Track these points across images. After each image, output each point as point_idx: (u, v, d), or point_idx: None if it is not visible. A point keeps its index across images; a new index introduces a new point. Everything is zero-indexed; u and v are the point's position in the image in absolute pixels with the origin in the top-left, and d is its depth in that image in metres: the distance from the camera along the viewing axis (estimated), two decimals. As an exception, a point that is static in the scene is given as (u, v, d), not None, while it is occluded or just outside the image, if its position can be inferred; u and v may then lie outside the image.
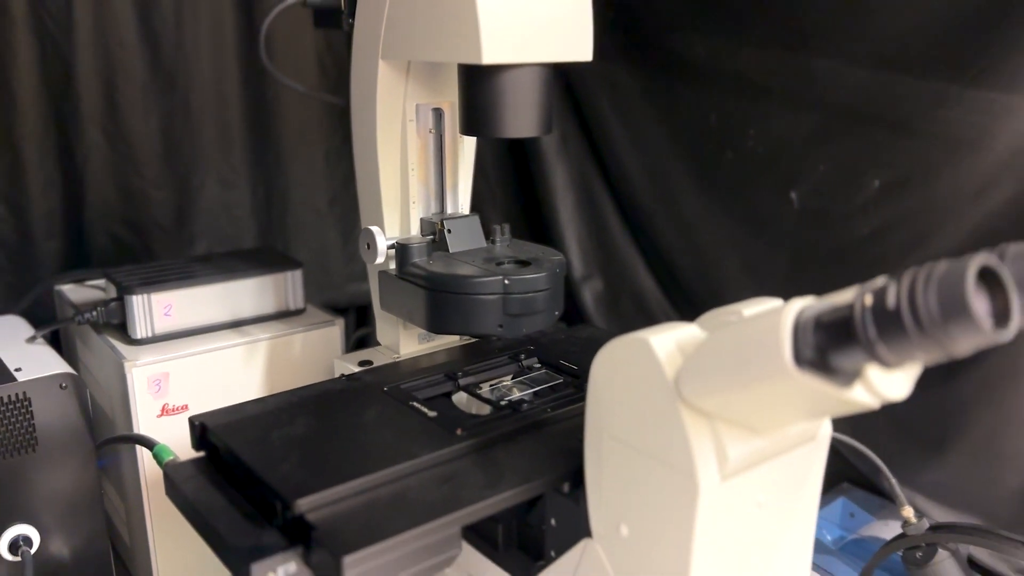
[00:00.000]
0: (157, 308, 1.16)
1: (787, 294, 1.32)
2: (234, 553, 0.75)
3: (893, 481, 1.06)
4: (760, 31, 1.33)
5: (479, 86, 0.89)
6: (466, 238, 1.03)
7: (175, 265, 1.26)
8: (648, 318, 1.62)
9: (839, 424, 1.18)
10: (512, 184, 1.83)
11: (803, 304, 0.62)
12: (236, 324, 1.22)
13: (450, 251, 1.02)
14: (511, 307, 0.94)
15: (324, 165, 1.85)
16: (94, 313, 1.17)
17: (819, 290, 1.30)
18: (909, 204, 1.21)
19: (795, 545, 0.82)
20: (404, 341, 1.10)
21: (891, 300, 0.55)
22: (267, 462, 0.81)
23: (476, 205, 1.89)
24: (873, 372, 0.61)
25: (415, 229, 1.06)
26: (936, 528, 1.05)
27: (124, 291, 1.15)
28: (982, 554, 1.21)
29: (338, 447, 0.85)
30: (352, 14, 0.99)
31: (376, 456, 0.82)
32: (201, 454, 0.91)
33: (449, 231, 1.02)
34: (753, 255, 1.41)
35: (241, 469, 0.83)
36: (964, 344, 0.53)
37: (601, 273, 1.69)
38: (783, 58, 1.30)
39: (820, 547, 1.27)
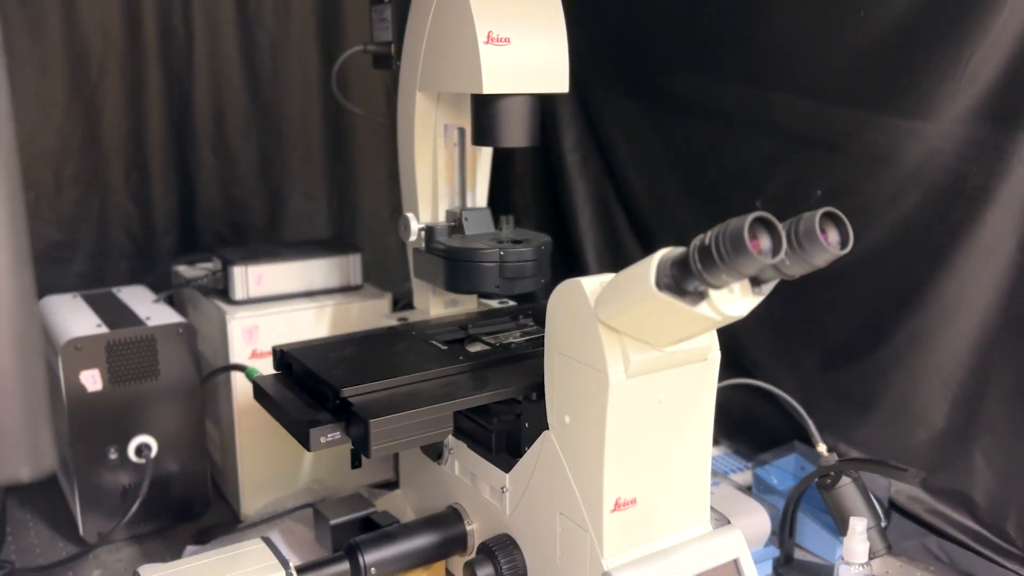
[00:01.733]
0: (252, 277, 1.53)
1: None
2: (299, 425, 1.09)
3: (809, 423, 1.34)
4: (731, 70, 1.63)
5: (483, 109, 1.24)
6: (479, 224, 1.37)
7: (267, 247, 1.63)
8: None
9: (787, 387, 1.45)
10: (544, 197, 2.17)
11: (667, 250, 0.93)
12: (309, 294, 1.58)
13: (466, 233, 1.36)
14: (506, 272, 1.27)
15: (387, 181, 2.22)
16: (205, 280, 1.55)
17: (782, 285, 1.65)
18: (843, 209, 1.48)
19: (695, 444, 1.10)
20: (433, 305, 1.44)
21: (706, 241, 0.86)
22: (324, 368, 1.16)
23: (514, 214, 2.24)
24: (715, 295, 0.91)
25: (442, 217, 1.41)
26: (842, 461, 1.32)
27: (228, 263, 1.53)
28: (902, 498, 1.46)
29: (374, 362, 1.20)
30: (399, 58, 1.36)
31: (399, 368, 1.16)
32: (278, 373, 1.27)
33: (466, 219, 1.36)
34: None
35: (306, 374, 1.18)
36: (750, 267, 0.84)
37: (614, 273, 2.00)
38: (748, 92, 1.61)
39: (775, 492, 1.54)
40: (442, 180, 1.38)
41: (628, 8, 1.84)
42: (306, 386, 1.18)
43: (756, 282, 0.96)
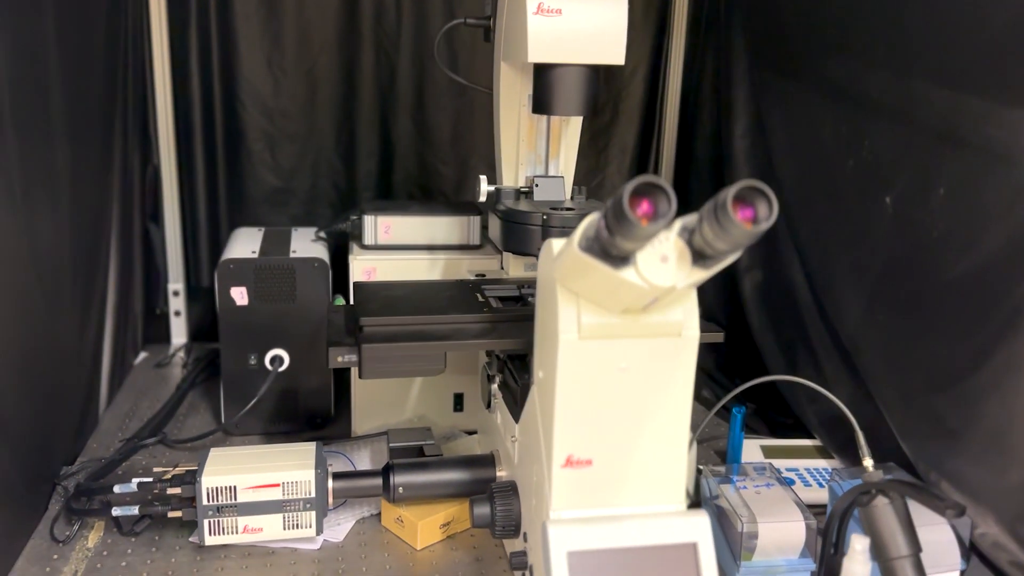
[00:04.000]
0: (380, 226, 1.73)
1: (879, 294, 1.52)
2: (327, 343, 1.26)
3: (859, 434, 1.24)
4: (877, 56, 1.51)
5: (537, 78, 1.30)
6: (550, 192, 1.43)
7: (402, 203, 1.82)
8: (794, 307, 1.82)
9: (891, 404, 1.33)
10: (719, 183, 2.13)
11: (597, 215, 0.94)
12: (430, 247, 1.74)
13: (534, 199, 1.43)
14: (550, 236, 1.32)
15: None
16: (348, 225, 1.78)
17: (902, 292, 1.52)
18: (960, 213, 1.33)
19: (668, 421, 1.09)
20: (513, 265, 1.53)
21: (607, 207, 0.87)
22: (366, 303, 1.32)
23: (689, 199, 2.23)
24: (643, 261, 0.91)
25: (523, 182, 1.49)
26: (885, 480, 1.20)
27: (363, 212, 1.74)
28: (986, 544, 1.29)
29: (408, 303, 1.33)
30: (494, 29, 1.46)
31: (423, 310, 1.28)
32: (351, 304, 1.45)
33: (536, 185, 1.43)
34: (860, 255, 1.58)
35: (353, 306, 1.34)
36: (633, 233, 0.84)
37: (761, 266, 1.93)
38: (890, 79, 1.47)
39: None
40: (523, 147, 1.46)
41: (796, -11, 1.76)
42: (354, 313, 1.34)
43: (701, 256, 0.95)
